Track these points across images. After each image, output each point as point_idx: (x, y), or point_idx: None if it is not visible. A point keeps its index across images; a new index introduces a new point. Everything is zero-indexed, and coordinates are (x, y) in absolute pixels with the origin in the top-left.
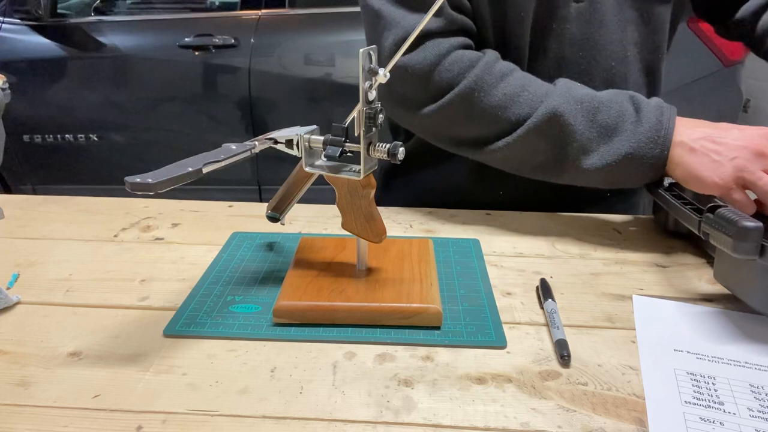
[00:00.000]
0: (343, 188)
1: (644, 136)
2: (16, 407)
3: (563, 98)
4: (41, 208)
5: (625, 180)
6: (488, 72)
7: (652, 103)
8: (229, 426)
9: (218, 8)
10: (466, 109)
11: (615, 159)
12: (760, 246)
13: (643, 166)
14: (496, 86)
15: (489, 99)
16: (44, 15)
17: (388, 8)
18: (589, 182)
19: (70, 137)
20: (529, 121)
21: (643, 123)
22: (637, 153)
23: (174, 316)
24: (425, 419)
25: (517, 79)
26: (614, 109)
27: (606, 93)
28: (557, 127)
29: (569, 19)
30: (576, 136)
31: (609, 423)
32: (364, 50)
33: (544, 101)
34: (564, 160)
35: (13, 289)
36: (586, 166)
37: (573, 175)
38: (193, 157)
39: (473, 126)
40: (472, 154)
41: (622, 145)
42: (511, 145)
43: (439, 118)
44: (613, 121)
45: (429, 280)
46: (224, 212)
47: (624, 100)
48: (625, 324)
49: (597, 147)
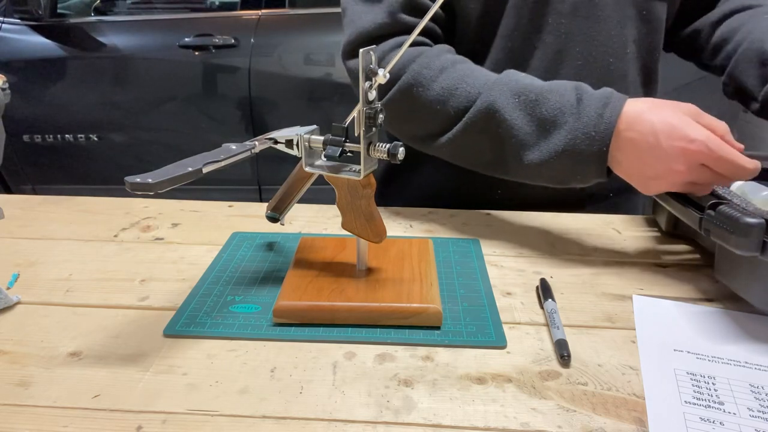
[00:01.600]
0: (343, 188)
1: (580, 131)
2: (16, 407)
3: (500, 91)
4: (41, 208)
5: (570, 177)
6: (427, 66)
7: (597, 95)
8: (229, 426)
9: (218, 8)
10: (407, 104)
11: (553, 155)
12: (762, 242)
13: (582, 163)
14: (435, 80)
15: (428, 93)
16: (44, 15)
17: (351, 5)
18: (536, 179)
19: (70, 137)
20: (466, 116)
21: (581, 117)
22: (574, 149)
23: (174, 316)
24: (425, 419)
25: (457, 72)
26: (554, 101)
27: (550, 83)
28: (495, 123)
29: (565, 13)
30: (514, 131)
31: (609, 423)
32: (364, 50)
33: (481, 94)
34: (506, 155)
35: (13, 289)
36: (527, 162)
37: (517, 170)
38: (193, 157)
39: (418, 121)
40: (425, 149)
41: (559, 141)
42: (454, 141)
43: (387, 115)
44: (551, 115)
45: (429, 280)
46: (224, 212)
47: (567, 90)
48: (625, 324)
49: (536, 142)
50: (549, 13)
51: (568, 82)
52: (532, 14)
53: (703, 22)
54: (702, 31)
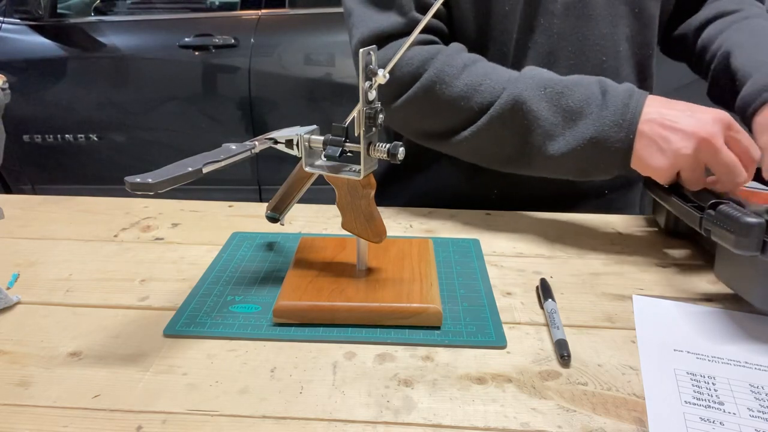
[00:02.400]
0: (343, 188)
1: (609, 119)
2: (16, 407)
3: (526, 84)
4: (41, 208)
5: (594, 167)
6: (449, 63)
7: (621, 87)
8: (229, 426)
9: (218, 8)
10: (429, 101)
11: (580, 144)
12: (762, 242)
13: (608, 152)
14: (458, 77)
15: (451, 90)
16: (44, 15)
17: (358, 7)
18: (558, 171)
19: (70, 137)
20: (491, 109)
21: (608, 106)
22: (602, 137)
23: (174, 316)
24: (425, 419)
25: (479, 69)
26: (580, 92)
27: (573, 77)
28: (520, 115)
29: (557, 13)
30: (540, 122)
31: (609, 423)
32: (364, 50)
33: (506, 89)
34: (530, 147)
35: (13, 289)
36: (552, 152)
37: (541, 163)
38: (193, 157)
39: (439, 118)
40: (441, 147)
41: (586, 129)
42: (476, 135)
43: (406, 112)
44: (577, 105)
45: (429, 280)
46: (224, 212)
47: (591, 83)
48: (625, 324)
49: (562, 132)
50: (541, 14)
51: (590, 76)
52: (524, 16)
53: (688, 26)
54: (688, 36)
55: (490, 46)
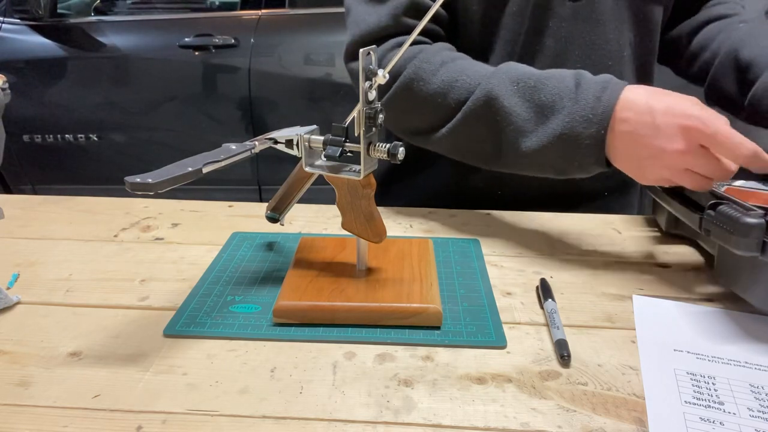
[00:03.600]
0: (343, 188)
1: (578, 114)
2: (16, 407)
3: (499, 80)
4: (41, 208)
5: (568, 164)
6: (427, 60)
7: (596, 80)
8: (229, 426)
9: (218, 8)
10: (408, 99)
11: (550, 140)
12: (762, 242)
13: (580, 148)
14: (435, 74)
15: (428, 87)
16: (44, 15)
17: (355, 5)
18: (535, 169)
19: (70, 137)
20: (465, 106)
21: (579, 101)
22: (572, 133)
23: (174, 316)
24: (425, 419)
25: (457, 65)
26: (553, 86)
27: (549, 71)
28: (493, 111)
29: (565, 16)
30: (512, 118)
31: (609, 423)
32: (364, 50)
33: (480, 84)
34: (504, 144)
35: (13, 289)
36: (524, 149)
37: (515, 160)
38: (193, 157)
39: (418, 115)
40: (424, 144)
41: (557, 125)
42: (453, 132)
43: (390, 111)
44: (549, 100)
45: (429, 280)
46: (224, 212)
47: (566, 76)
48: (625, 324)
49: (534, 128)
50: (550, 17)
51: (568, 70)
52: (533, 18)
53: (681, 30)
54: (680, 39)
55: (496, 48)
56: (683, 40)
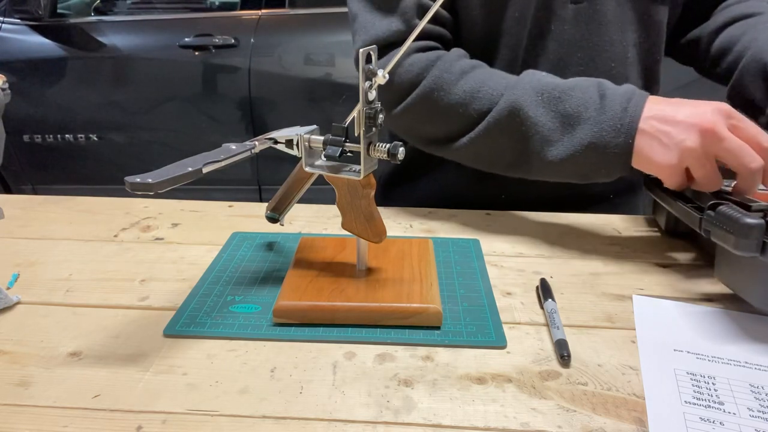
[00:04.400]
0: (343, 188)
1: (607, 124)
2: (16, 407)
3: (523, 90)
4: (41, 208)
5: (594, 171)
6: (448, 70)
7: (620, 90)
8: (229, 426)
9: (218, 8)
10: (428, 108)
11: (578, 149)
12: (762, 243)
13: (607, 156)
14: (456, 83)
15: (450, 97)
16: (44, 15)
17: (362, 13)
18: (559, 176)
19: (70, 137)
20: (489, 116)
21: (606, 111)
22: (600, 142)
23: (174, 316)
24: (425, 419)
25: (477, 75)
26: (577, 96)
27: (572, 80)
28: (518, 121)
29: (568, 19)
30: (538, 128)
31: (609, 423)
32: (364, 50)
33: (504, 95)
34: (529, 153)
35: (13, 289)
36: (551, 158)
37: (540, 168)
38: (193, 157)
39: (438, 124)
40: (442, 152)
41: (584, 135)
42: (476, 142)
43: (406, 119)
44: (575, 110)
45: (429, 280)
46: (224, 212)
47: (590, 86)
48: (625, 324)
49: (560, 137)
50: (552, 20)
51: (589, 79)
52: (535, 22)
53: (702, 31)
54: (701, 40)
55: (499, 51)
56: (704, 40)
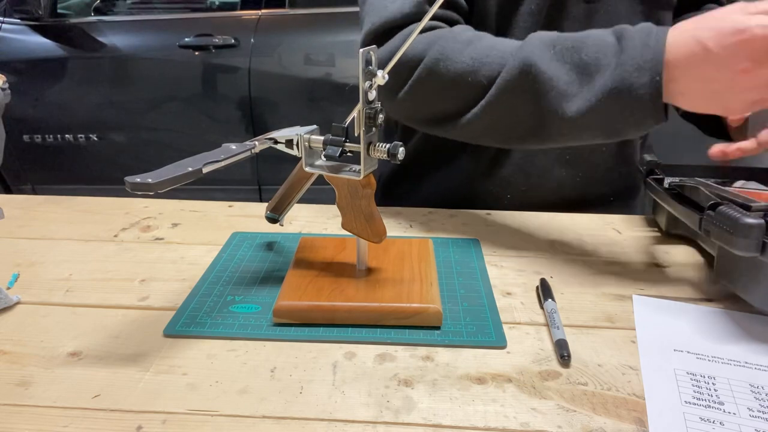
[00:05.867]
0: (343, 188)
1: (628, 64)
2: (16, 407)
3: (533, 46)
4: (41, 208)
5: (622, 122)
6: (453, 40)
7: (637, 28)
8: (229, 426)
9: (218, 8)
10: (434, 81)
11: (600, 98)
12: (762, 243)
13: (634, 100)
14: (462, 52)
15: (456, 66)
16: (44, 15)
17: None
18: (583, 135)
19: (70, 137)
20: (499, 78)
21: (625, 50)
22: (623, 85)
23: (174, 316)
24: (425, 419)
25: (484, 42)
26: (593, 43)
27: (585, 31)
28: (531, 78)
29: (579, 18)
30: (553, 82)
31: (609, 423)
32: (364, 50)
33: (514, 54)
34: (546, 113)
35: (13, 289)
36: (571, 114)
37: (560, 129)
38: (193, 157)
39: (446, 98)
40: (450, 131)
41: (605, 81)
42: (488, 110)
43: (413, 99)
44: (592, 57)
45: (429, 280)
46: (224, 212)
47: (605, 33)
48: (625, 324)
49: (578, 89)
50: (564, 17)
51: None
52: (548, 18)
53: None
54: None
55: None
56: None
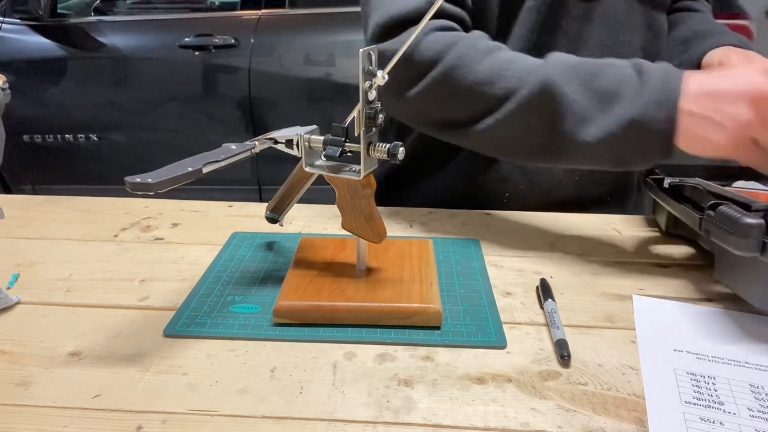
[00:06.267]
0: (343, 188)
1: (649, 98)
2: (16, 407)
3: (555, 67)
4: (41, 208)
5: (632, 153)
6: (472, 47)
7: (657, 66)
8: (229, 426)
9: (218, 8)
10: (450, 86)
11: (618, 127)
12: (762, 243)
13: (650, 134)
14: (481, 61)
15: (473, 74)
16: (44, 15)
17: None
18: (593, 159)
19: (70, 137)
20: (518, 94)
21: (646, 85)
22: (643, 118)
23: (174, 316)
24: (425, 419)
25: (503, 54)
26: (614, 73)
27: (605, 59)
28: (550, 98)
29: (577, 17)
30: (572, 106)
31: (609, 423)
32: (364, 50)
33: (534, 73)
34: (561, 135)
35: (13, 289)
36: (586, 138)
37: (573, 151)
38: (193, 157)
39: (458, 105)
40: (460, 138)
41: (624, 111)
42: (500, 124)
43: (423, 100)
44: (613, 86)
45: (429, 280)
46: (224, 212)
47: (625, 64)
48: (625, 324)
49: (596, 115)
50: (563, 16)
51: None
52: (546, 17)
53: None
54: None
55: (509, 43)
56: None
